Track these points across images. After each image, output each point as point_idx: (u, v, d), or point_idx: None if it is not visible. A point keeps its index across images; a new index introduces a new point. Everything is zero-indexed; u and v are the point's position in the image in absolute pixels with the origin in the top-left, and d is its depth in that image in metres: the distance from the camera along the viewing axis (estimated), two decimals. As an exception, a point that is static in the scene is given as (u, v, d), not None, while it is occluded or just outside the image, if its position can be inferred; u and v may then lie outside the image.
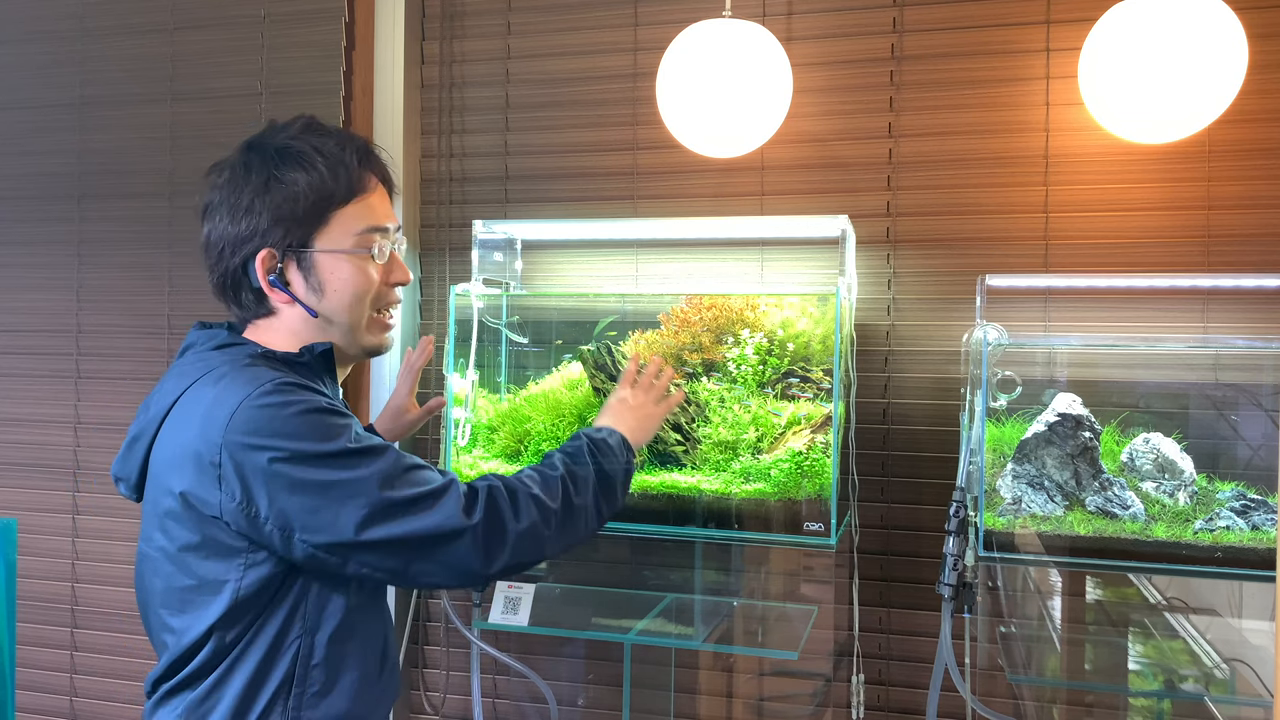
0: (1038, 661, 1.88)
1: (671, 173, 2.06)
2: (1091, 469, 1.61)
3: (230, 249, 1.24)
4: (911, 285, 1.95)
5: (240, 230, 1.23)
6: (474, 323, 1.88)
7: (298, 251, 1.23)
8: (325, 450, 1.12)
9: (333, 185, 1.24)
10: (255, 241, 1.22)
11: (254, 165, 1.24)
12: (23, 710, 2.38)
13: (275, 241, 1.22)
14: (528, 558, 1.22)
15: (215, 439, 1.12)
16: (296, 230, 1.23)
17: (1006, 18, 1.90)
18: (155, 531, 1.20)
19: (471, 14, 2.20)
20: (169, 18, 2.33)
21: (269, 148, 1.25)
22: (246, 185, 1.23)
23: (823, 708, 1.97)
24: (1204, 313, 1.80)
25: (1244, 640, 1.72)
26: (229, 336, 1.25)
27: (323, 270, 1.24)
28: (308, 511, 1.11)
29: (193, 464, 1.13)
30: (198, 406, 1.15)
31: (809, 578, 1.96)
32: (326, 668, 1.19)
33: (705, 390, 1.79)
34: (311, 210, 1.23)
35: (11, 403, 2.43)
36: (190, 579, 1.16)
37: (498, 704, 2.15)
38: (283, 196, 1.22)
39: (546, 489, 1.25)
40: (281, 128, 1.28)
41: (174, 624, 1.18)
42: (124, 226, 2.35)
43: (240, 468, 1.11)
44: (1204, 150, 1.80)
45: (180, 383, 1.20)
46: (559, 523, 1.25)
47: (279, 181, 1.22)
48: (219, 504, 1.12)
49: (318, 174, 1.23)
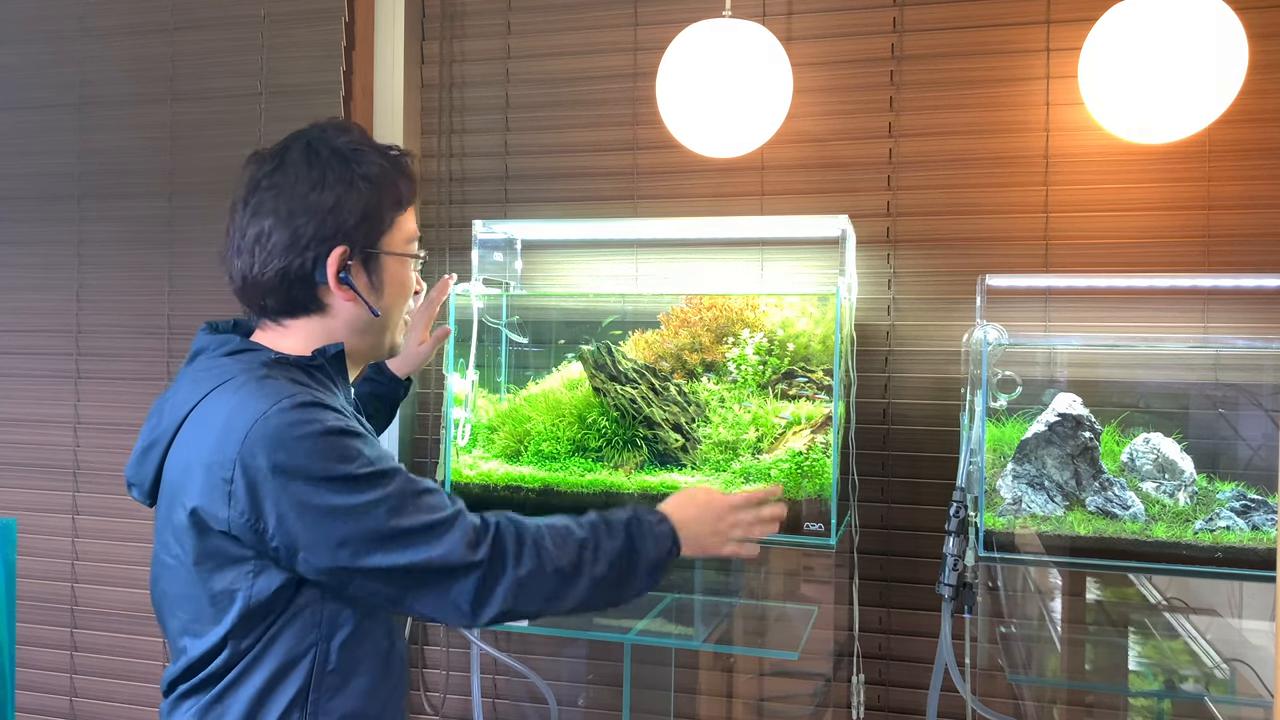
0: (1038, 661, 1.88)
1: (671, 173, 2.06)
2: (1092, 469, 1.61)
3: (307, 244, 1.23)
4: (911, 285, 1.95)
5: (320, 227, 1.23)
6: (474, 323, 1.88)
7: (366, 251, 1.25)
8: (336, 474, 1.12)
9: (397, 191, 1.27)
10: (336, 239, 1.23)
11: (328, 163, 1.24)
12: (23, 710, 2.38)
13: (354, 239, 1.24)
14: (521, 607, 1.18)
15: (229, 454, 1.12)
16: (374, 230, 1.26)
17: (1006, 18, 1.90)
18: (170, 539, 1.20)
19: (471, 14, 2.20)
20: (169, 18, 2.33)
21: (339, 148, 1.25)
22: (323, 183, 1.23)
23: (823, 708, 1.97)
24: (1204, 313, 1.80)
25: (1244, 640, 1.72)
26: (241, 342, 1.26)
27: (385, 271, 1.27)
28: (313, 533, 1.12)
29: (203, 476, 1.14)
30: (214, 417, 1.16)
31: (809, 578, 1.96)
32: (340, 673, 1.20)
33: (705, 390, 1.79)
34: (384, 212, 1.26)
35: (11, 403, 2.43)
36: (204, 590, 1.17)
37: (498, 704, 2.15)
38: (364, 196, 1.24)
39: (561, 544, 1.22)
40: (337, 129, 1.28)
41: (191, 629, 1.20)
42: (124, 226, 2.35)
43: (252, 484, 1.12)
44: (1204, 150, 1.80)
45: (195, 390, 1.21)
46: (561, 582, 1.20)
47: (364, 180, 1.24)
48: (227, 519, 1.13)
49: (389, 178, 1.26)
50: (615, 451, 1.78)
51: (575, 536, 1.24)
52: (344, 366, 1.28)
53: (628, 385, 1.78)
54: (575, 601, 1.23)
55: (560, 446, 1.80)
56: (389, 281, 1.28)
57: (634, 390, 1.77)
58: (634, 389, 1.78)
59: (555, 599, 1.21)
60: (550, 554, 1.21)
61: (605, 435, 1.79)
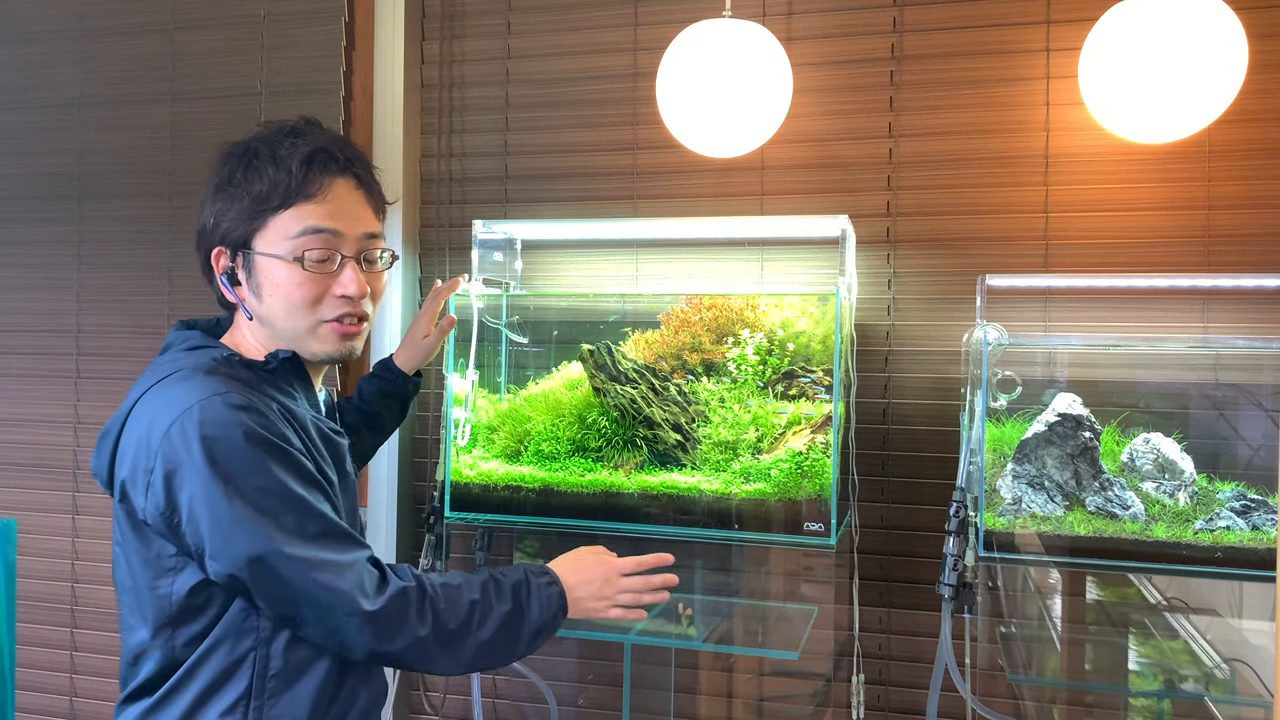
0: (1038, 661, 1.88)
1: (671, 173, 2.06)
2: (1091, 469, 1.61)
3: (197, 243, 1.29)
4: (911, 285, 1.95)
5: (202, 225, 1.27)
6: (474, 323, 1.88)
7: (242, 251, 1.23)
8: (248, 484, 1.11)
9: (269, 187, 1.22)
10: (209, 237, 1.26)
11: (220, 163, 1.27)
12: (23, 710, 2.38)
13: (221, 239, 1.25)
14: (409, 662, 1.18)
15: (154, 444, 1.13)
16: (238, 229, 1.23)
17: (1006, 18, 1.90)
18: (116, 528, 1.23)
19: (471, 14, 2.20)
20: (169, 18, 2.33)
21: (239, 147, 1.27)
22: (211, 182, 1.27)
23: (823, 708, 1.97)
24: (1204, 313, 1.80)
25: (1244, 640, 1.72)
26: (202, 339, 1.26)
27: (260, 273, 1.23)
28: (215, 536, 1.11)
29: (130, 465, 1.15)
30: (150, 409, 1.17)
31: (809, 578, 1.96)
32: (284, 677, 1.18)
33: (705, 390, 1.79)
34: (248, 211, 1.22)
35: (11, 403, 2.43)
36: (136, 582, 1.18)
37: (498, 704, 2.15)
38: (230, 195, 1.23)
39: (452, 606, 1.20)
40: (270, 128, 1.28)
41: (129, 622, 1.21)
42: (124, 226, 2.35)
43: (168, 476, 1.11)
44: (1204, 150, 1.80)
45: (148, 381, 1.22)
46: (448, 643, 1.20)
47: (230, 182, 1.24)
48: (143, 509, 1.14)
49: (260, 175, 1.22)
50: (615, 451, 1.78)
51: (465, 599, 1.22)
52: (302, 370, 1.27)
53: (628, 385, 1.78)
54: (464, 663, 1.21)
55: (560, 446, 1.80)
56: (264, 283, 1.23)
57: (634, 390, 1.77)
58: (634, 389, 1.78)
59: (442, 659, 1.20)
60: (442, 617, 1.19)
61: (605, 435, 1.79)
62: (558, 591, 1.30)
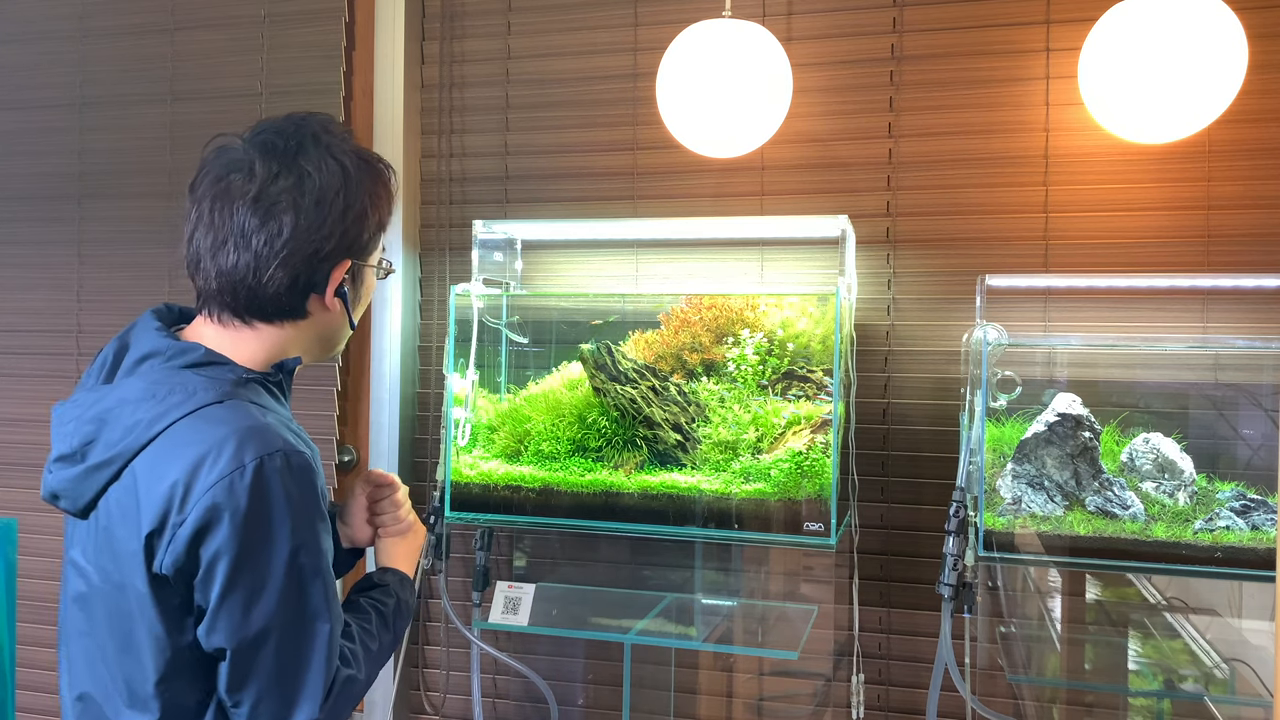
0: (1038, 661, 1.88)
1: (671, 173, 2.07)
2: (1091, 469, 1.61)
3: (327, 254, 1.17)
4: (911, 285, 1.95)
5: (343, 239, 1.18)
6: (474, 323, 1.88)
7: (357, 264, 1.22)
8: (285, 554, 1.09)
9: (391, 204, 1.26)
10: (354, 249, 1.19)
11: (350, 173, 1.18)
12: (23, 710, 2.38)
13: (357, 253, 1.21)
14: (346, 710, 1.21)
15: (195, 496, 1.06)
16: (372, 244, 1.24)
17: (1006, 18, 1.90)
18: (104, 561, 1.12)
19: (471, 14, 2.20)
20: (169, 18, 2.33)
21: (359, 156, 1.21)
22: (345, 191, 1.17)
23: (823, 708, 1.97)
24: (1204, 313, 1.80)
25: (1244, 640, 1.72)
26: (206, 354, 1.16)
27: (364, 283, 1.26)
28: (233, 600, 1.08)
29: (160, 507, 1.07)
30: (187, 449, 1.08)
31: (809, 578, 1.96)
32: None
33: (705, 390, 1.80)
34: (383, 226, 1.25)
35: (11, 403, 2.43)
36: (109, 618, 1.13)
37: (498, 704, 2.15)
38: (379, 211, 1.23)
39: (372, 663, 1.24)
40: (339, 131, 1.21)
41: (93, 667, 1.16)
42: (124, 226, 2.35)
43: (203, 530, 1.06)
44: (1204, 150, 1.81)
45: (159, 408, 1.11)
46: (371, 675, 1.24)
47: (379, 193, 1.22)
48: (160, 561, 1.08)
49: (388, 192, 1.25)
50: (615, 451, 1.78)
51: (372, 652, 1.25)
52: (292, 378, 1.27)
53: (628, 385, 1.78)
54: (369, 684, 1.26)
55: (560, 446, 1.80)
56: (364, 293, 1.26)
57: (634, 390, 1.78)
58: (634, 389, 1.78)
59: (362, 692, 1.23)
60: (374, 664, 1.24)
61: (605, 435, 1.79)
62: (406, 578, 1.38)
